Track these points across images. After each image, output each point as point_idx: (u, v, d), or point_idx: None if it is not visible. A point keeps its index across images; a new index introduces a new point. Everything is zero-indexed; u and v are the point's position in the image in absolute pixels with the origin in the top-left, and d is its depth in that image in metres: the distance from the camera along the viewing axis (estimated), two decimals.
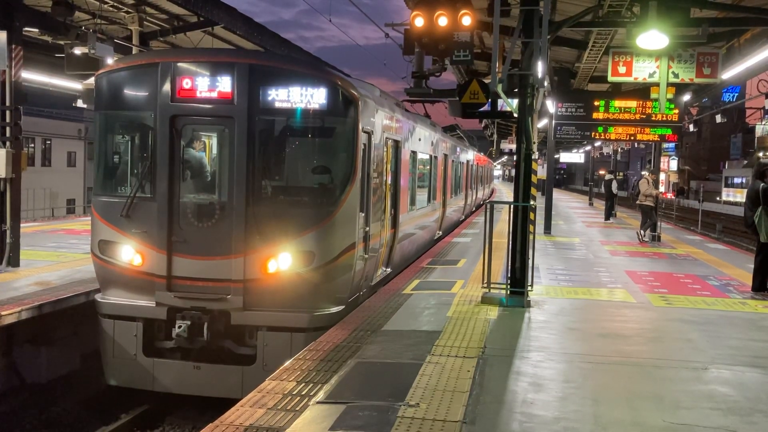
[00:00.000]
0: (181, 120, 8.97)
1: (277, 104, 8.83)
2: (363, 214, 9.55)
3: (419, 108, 18.46)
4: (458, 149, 23.58)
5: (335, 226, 8.88)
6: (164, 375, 8.88)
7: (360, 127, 9.13)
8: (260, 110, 8.83)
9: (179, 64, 8.97)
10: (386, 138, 11.01)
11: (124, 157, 9.64)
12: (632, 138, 21.34)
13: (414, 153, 13.92)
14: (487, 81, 10.98)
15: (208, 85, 8.87)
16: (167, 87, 8.88)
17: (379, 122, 10.39)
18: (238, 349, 8.82)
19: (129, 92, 9.25)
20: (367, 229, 9.81)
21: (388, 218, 11.38)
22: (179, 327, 8.68)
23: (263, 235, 8.68)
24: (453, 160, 21.57)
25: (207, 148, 9.56)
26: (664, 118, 19.10)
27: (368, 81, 11.97)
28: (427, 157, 16.14)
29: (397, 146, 12.07)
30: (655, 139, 20.50)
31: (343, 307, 9.11)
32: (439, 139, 18.23)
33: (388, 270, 11.89)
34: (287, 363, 6.89)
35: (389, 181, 11.56)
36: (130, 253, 8.98)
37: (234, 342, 8.83)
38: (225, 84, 8.82)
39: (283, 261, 8.71)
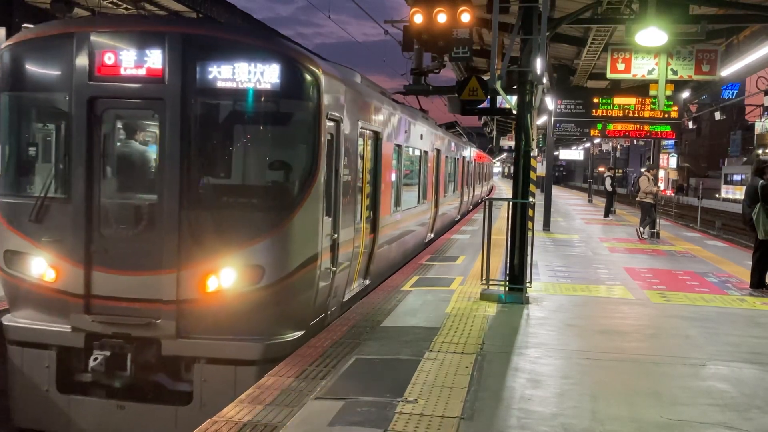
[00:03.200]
0: (102, 103, 7.41)
1: (219, 84, 7.29)
2: (330, 219, 8.06)
3: (414, 103, 18.15)
4: (453, 144, 22.27)
5: (291, 234, 7.36)
6: (82, 415, 7.38)
7: (324, 113, 7.60)
8: (197, 91, 7.29)
9: (99, 35, 7.35)
10: (363, 128, 9.56)
11: (34, 149, 8.12)
12: (631, 135, 21.38)
13: (399, 147, 12.58)
14: (486, 78, 10.98)
15: (134, 61, 7.30)
16: (84, 63, 7.32)
17: (353, 109, 8.96)
18: (171, 386, 7.33)
19: (38, 69, 7.65)
20: (336, 236, 8.28)
21: (365, 222, 9.95)
22: (95, 359, 7.17)
23: (201, 245, 7.18)
24: (447, 156, 20.24)
25: (140, 137, 8.04)
26: (664, 115, 19.13)
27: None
28: (417, 152, 14.95)
29: (377, 138, 10.66)
30: (655, 135, 20.53)
31: (303, 332, 7.63)
32: (431, 132, 16.93)
33: (366, 282, 10.44)
34: (286, 360, 6.89)
35: (367, 179, 10.16)
36: (41, 267, 7.45)
37: (166, 377, 7.34)
38: (155, 59, 7.28)
39: (225, 277, 7.20)
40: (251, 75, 7.26)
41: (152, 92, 7.32)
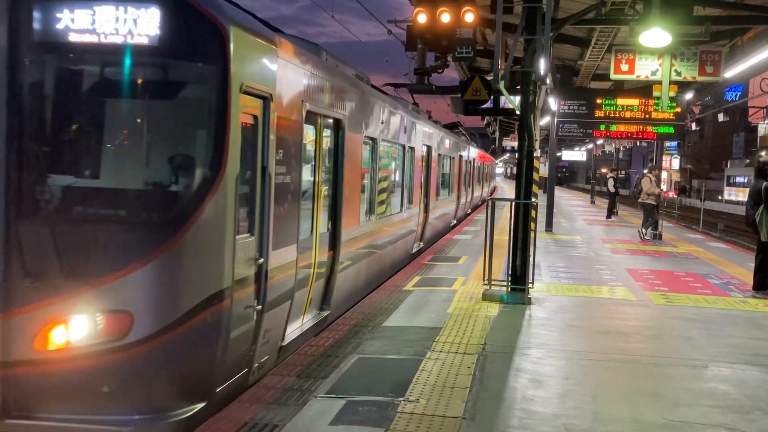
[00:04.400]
0: None
1: (70, 36, 5.02)
2: (252, 237, 5.78)
3: (408, 100, 16.79)
4: (448, 141, 20.20)
5: (176, 264, 5.03)
6: None
7: (235, 84, 5.25)
8: (35, 47, 5.07)
9: None
10: (313, 112, 7.21)
11: None
12: (634, 136, 21.41)
13: (373, 140, 10.29)
14: (489, 78, 10.98)
15: None
16: None
17: (295, 85, 6.63)
18: None
19: None
20: (262, 260, 5.96)
21: (318, 237, 7.69)
22: None
23: (39, 279, 4.93)
24: (440, 155, 18.28)
25: None
26: (667, 117, 19.13)
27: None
28: (400, 148, 12.87)
29: (338, 128, 8.31)
30: (638, 136, 20.60)
31: (205, 404, 5.32)
32: (421, 126, 14.88)
33: (325, 313, 8.22)
34: (287, 359, 6.88)
35: (323, 180, 7.87)
36: None
37: None
38: None
39: (75, 328, 4.91)
40: (119, 24, 4.97)
41: None
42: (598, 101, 19.38)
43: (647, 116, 19.31)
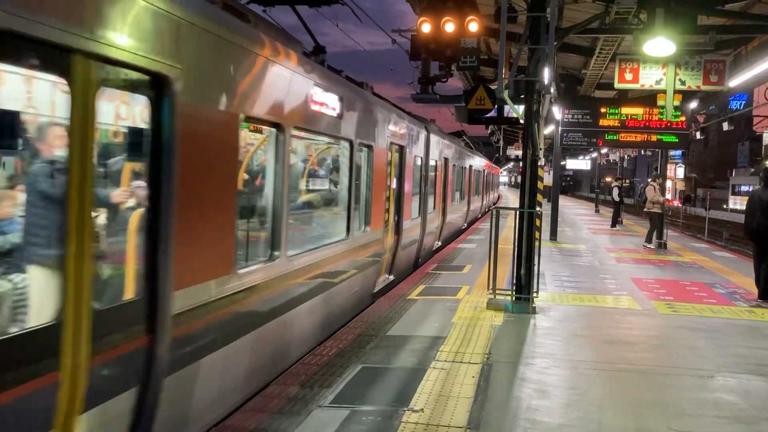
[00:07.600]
0: None
1: None
2: None
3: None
4: (398, 127, 12.30)
5: None
6: None
7: None
8: None
9: None
10: None
11: None
12: (638, 145, 21.42)
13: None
14: (493, 87, 10.98)
15: None
16: None
17: None
18: None
19: None
20: None
21: None
22: None
23: None
24: (369, 145, 10.08)
25: None
26: (671, 125, 19.14)
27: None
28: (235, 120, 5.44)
29: None
30: (663, 143, 20.55)
31: None
32: (310, 80, 7.32)
33: None
34: (291, 367, 6.88)
35: None
36: None
37: None
38: None
39: None
40: None
41: None
42: (602, 110, 19.39)
43: (651, 125, 19.31)
